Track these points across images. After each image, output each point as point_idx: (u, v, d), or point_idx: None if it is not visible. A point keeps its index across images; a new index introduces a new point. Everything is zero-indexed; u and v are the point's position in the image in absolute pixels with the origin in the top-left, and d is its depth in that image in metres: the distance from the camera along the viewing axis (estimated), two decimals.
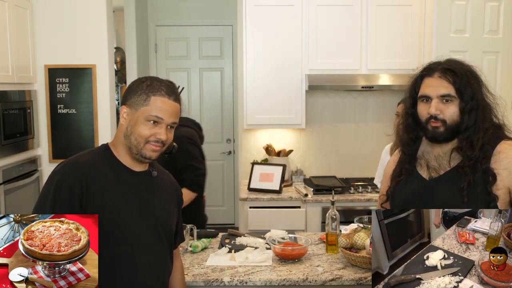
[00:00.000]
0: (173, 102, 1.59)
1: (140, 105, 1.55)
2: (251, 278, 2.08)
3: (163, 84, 1.60)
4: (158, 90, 1.56)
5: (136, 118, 1.55)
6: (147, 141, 1.55)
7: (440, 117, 1.62)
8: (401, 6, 3.64)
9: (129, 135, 1.56)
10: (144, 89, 1.56)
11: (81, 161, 1.55)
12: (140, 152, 1.56)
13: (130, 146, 1.56)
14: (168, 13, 5.38)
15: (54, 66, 3.80)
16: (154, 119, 1.54)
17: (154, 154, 1.57)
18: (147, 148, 1.56)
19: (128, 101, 1.57)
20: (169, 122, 1.57)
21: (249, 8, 3.62)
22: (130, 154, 1.58)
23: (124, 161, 1.60)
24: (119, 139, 1.60)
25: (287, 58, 3.66)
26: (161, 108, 1.55)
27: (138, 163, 1.61)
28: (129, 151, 1.58)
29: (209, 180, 5.58)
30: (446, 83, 1.63)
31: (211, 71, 5.50)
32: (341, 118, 4.08)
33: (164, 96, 1.56)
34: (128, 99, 1.58)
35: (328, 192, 3.50)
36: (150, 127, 1.54)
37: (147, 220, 1.59)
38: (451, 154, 1.67)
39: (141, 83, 1.58)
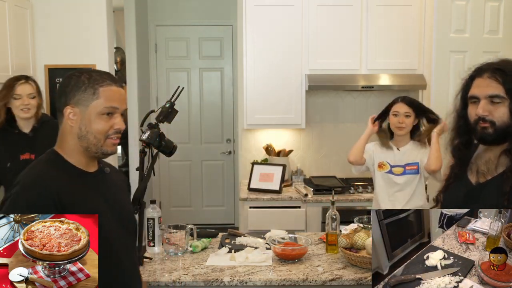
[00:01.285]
0: (121, 89, 1.53)
1: (89, 101, 1.46)
2: (251, 278, 2.08)
3: (104, 73, 1.53)
4: (103, 80, 1.49)
5: (88, 116, 1.47)
6: (107, 135, 1.49)
7: (489, 118, 1.55)
8: (401, 6, 3.64)
9: (85, 135, 1.48)
10: (86, 83, 1.47)
11: (43, 178, 1.44)
12: (101, 149, 1.50)
13: (88, 146, 1.49)
14: (168, 13, 5.38)
15: (54, 66, 3.79)
16: (110, 110, 1.48)
17: (115, 148, 1.53)
18: (108, 144, 1.50)
19: (71, 101, 1.47)
20: (123, 110, 1.52)
21: (249, 8, 3.62)
22: (87, 154, 1.51)
23: (77, 164, 1.51)
24: (68, 143, 1.50)
25: (287, 58, 3.66)
26: (113, 97, 1.49)
27: (92, 162, 1.55)
28: (85, 152, 1.50)
29: (209, 180, 5.62)
30: (496, 84, 1.56)
31: (211, 71, 5.50)
32: (341, 118, 4.08)
33: (111, 85, 1.50)
34: (70, 98, 1.47)
35: (328, 192, 3.50)
36: (106, 120, 1.48)
37: (117, 218, 1.57)
38: (499, 159, 1.60)
39: (78, 79, 1.48)
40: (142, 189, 2.27)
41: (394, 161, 2.82)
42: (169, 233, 2.36)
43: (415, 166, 2.79)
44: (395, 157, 2.83)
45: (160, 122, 2.40)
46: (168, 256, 2.35)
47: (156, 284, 2.09)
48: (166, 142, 2.38)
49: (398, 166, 2.82)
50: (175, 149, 2.43)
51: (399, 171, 2.81)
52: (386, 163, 2.84)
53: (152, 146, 2.34)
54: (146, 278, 2.10)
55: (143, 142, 2.33)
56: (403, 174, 2.80)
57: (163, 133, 2.39)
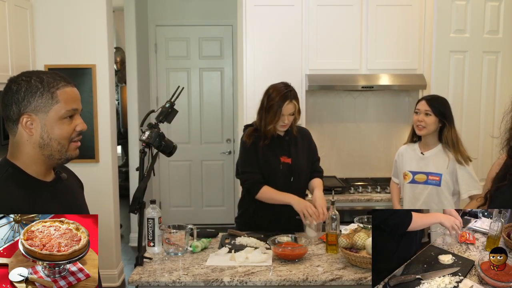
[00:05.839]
0: (75, 88, 1.46)
1: (48, 106, 1.37)
2: (251, 278, 2.08)
3: (56, 75, 1.43)
4: (58, 82, 1.40)
5: (50, 122, 1.38)
6: (71, 139, 1.43)
7: None
8: (401, 6, 3.64)
9: (48, 143, 1.39)
10: (41, 88, 1.37)
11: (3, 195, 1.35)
12: (65, 155, 1.43)
13: (52, 153, 1.41)
14: (168, 13, 5.38)
15: (54, 66, 3.79)
16: (71, 113, 1.41)
17: (77, 151, 1.47)
18: (71, 148, 1.44)
19: (27, 108, 1.36)
20: (81, 109, 1.46)
21: (249, 8, 3.62)
22: (48, 162, 1.43)
23: (35, 175, 1.42)
24: (26, 153, 1.40)
25: (287, 58, 3.66)
26: (72, 99, 1.42)
27: (49, 170, 1.47)
28: (47, 160, 1.42)
29: (209, 180, 5.62)
30: None
31: (211, 71, 5.50)
32: (341, 118, 4.08)
33: (67, 86, 1.41)
34: (26, 105, 1.36)
35: (328, 192, 3.48)
36: (68, 123, 1.41)
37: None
38: None
39: (29, 84, 1.37)
40: (142, 189, 2.27)
41: (417, 167, 2.74)
42: (169, 233, 2.36)
43: (437, 178, 2.67)
44: (418, 162, 2.74)
45: (160, 122, 2.40)
46: (168, 256, 2.35)
47: (156, 284, 2.09)
48: (166, 142, 2.38)
49: (421, 172, 2.72)
50: (175, 149, 2.43)
51: (422, 179, 2.71)
52: (408, 173, 2.77)
53: (152, 146, 2.34)
54: (146, 278, 2.10)
55: (143, 142, 2.33)
56: (425, 183, 2.69)
57: (163, 133, 2.39)
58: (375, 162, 4.08)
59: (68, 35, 3.80)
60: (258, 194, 2.67)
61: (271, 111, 2.60)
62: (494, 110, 3.49)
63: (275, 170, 2.68)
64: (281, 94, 2.60)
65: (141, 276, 2.11)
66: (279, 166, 2.68)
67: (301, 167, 2.73)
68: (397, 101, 4.05)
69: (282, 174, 2.69)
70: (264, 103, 2.65)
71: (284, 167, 2.69)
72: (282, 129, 2.68)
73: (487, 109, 3.50)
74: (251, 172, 2.69)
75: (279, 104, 2.59)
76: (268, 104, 2.62)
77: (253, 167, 2.69)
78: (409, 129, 2.92)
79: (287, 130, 2.71)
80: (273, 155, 2.69)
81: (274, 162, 2.68)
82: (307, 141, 2.83)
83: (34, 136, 1.39)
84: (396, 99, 4.05)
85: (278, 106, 2.59)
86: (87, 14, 3.80)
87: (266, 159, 2.68)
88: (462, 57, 3.47)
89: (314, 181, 2.81)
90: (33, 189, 1.41)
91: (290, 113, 2.62)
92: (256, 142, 2.70)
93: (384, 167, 4.01)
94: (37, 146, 1.40)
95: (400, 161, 2.85)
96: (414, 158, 2.77)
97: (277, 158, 2.69)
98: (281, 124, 2.63)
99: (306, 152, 2.78)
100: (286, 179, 2.70)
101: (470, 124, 3.48)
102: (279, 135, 2.72)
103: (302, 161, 2.75)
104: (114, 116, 4.08)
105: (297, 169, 2.71)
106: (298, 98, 2.68)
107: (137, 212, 2.28)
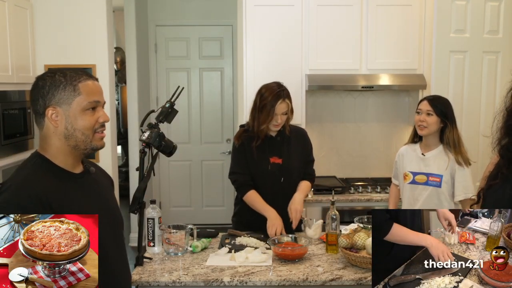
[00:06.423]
0: (97, 82, 1.55)
1: (71, 98, 1.47)
2: (251, 278, 2.08)
3: (78, 70, 1.53)
4: (80, 76, 1.49)
5: (73, 113, 1.47)
6: (94, 130, 1.51)
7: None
8: (401, 6, 3.64)
9: (72, 133, 1.48)
10: (64, 82, 1.47)
11: (31, 182, 1.43)
12: (90, 145, 1.51)
13: (77, 143, 1.49)
14: (168, 13, 5.38)
15: (54, 66, 3.78)
16: (93, 105, 1.49)
17: (103, 141, 1.55)
18: (96, 138, 1.52)
19: (52, 101, 1.46)
20: (103, 102, 1.55)
21: (249, 8, 3.62)
22: (75, 153, 1.52)
23: (63, 166, 1.51)
24: (54, 144, 1.49)
25: (287, 58, 3.65)
26: (93, 91, 1.50)
27: (78, 163, 1.56)
28: (73, 150, 1.50)
29: (209, 180, 5.62)
30: None
31: (211, 71, 5.50)
32: (341, 118, 4.08)
33: (89, 79, 1.51)
34: (50, 98, 1.46)
35: (328, 192, 3.50)
36: (90, 114, 1.49)
37: (107, 218, 1.56)
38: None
39: (53, 79, 1.47)
40: (142, 189, 2.27)
41: (418, 168, 2.73)
42: (169, 233, 2.36)
43: (437, 179, 2.66)
44: (418, 163, 2.73)
45: (160, 122, 2.40)
46: (168, 256, 2.35)
47: (156, 284, 2.09)
48: (166, 142, 2.38)
49: (421, 173, 2.71)
50: (175, 149, 2.43)
51: (422, 180, 2.70)
52: (408, 173, 2.76)
53: (152, 146, 2.34)
54: (146, 278, 2.10)
55: (143, 142, 2.33)
56: (426, 184, 2.69)
57: (163, 133, 2.39)
58: (375, 162, 4.08)
59: (68, 35, 3.80)
60: (244, 197, 2.70)
61: (264, 111, 2.60)
62: (494, 110, 3.48)
63: (263, 171, 2.68)
64: (274, 94, 2.60)
65: (141, 276, 2.11)
66: (267, 167, 2.68)
67: (292, 167, 2.72)
68: (397, 101, 4.05)
69: (271, 175, 2.69)
70: (257, 103, 2.65)
71: (274, 168, 2.68)
72: (275, 129, 2.67)
73: (487, 109, 3.50)
74: (240, 173, 2.71)
75: (272, 104, 2.59)
76: (261, 104, 2.62)
77: (242, 168, 2.71)
78: (409, 129, 2.91)
79: (279, 130, 2.70)
80: (262, 155, 2.69)
81: (263, 163, 2.68)
82: (302, 141, 2.81)
83: (59, 127, 1.48)
84: (396, 99, 4.05)
85: (271, 105, 2.59)
86: (87, 14, 3.80)
87: (255, 160, 2.68)
88: (462, 57, 3.47)
89: (301, 184, 2.77)
90: (61, 178, 1.49)
91: (283, 112, 2.62)
92: (245, 143, 2.70)
93: (384, 167, 4.01)
94: (63, 137, 1.49)
95: (400, 162, 2.84)
96: (415, 158, 2.76)
97: (267, 158, 2.69)
98: (274, 123, 2.63)
99: (299, 152, 2.77)
100: (276, 180, 2.69)
101: (470, 124, 3.47)
102: (271, 136, 2.72)
103: (294, 162, 2.73)
104: (114, 116, 4.08)
105: (288, 169, 2.71)
106: (291, 97, 2.67)
107: (137, 212, 2.28)
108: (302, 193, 2.72)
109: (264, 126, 2.62)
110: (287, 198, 2.70)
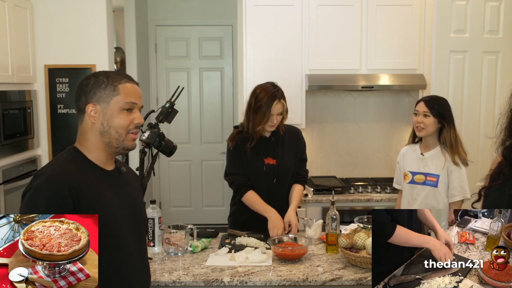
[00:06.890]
0: (137, 86, 1.62)
1: (110, 97, 1.55)
2: (251, 278, 2.08)
3: (120, 73, 1.63)
4: (121, 78, 1.58)
5: (111, 111, 1.55)
6: (128, 130, 1.57)
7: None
8: (401, 6, 3.64)
9: (107, 130, 1.56)
10: (106, 82, 1.56)
11: (63, 171, 1.51)
12: (122, 144, 1.58)
13: (110, 141, 1.57)
14: (168, 13, 5.38)
15: (54, 66, 3.80)
16: (129, 106, 1.57)
17: (134, 143, 1.61)
18: (128, 139, 1.59)
19: (92, 99, 1.55)
20: (140, 105, 1.61)
21: (249, 8, 3.62)
22: (108, 150, 1.59)
23: (97, 162, 1.59)
24: (89, 139, 1.58)
25: (287, 58, 3.65)
26: (132, 93, 1.58)
27: (111, 160, 1.63)
28: (106, 147, 1.58)
29: (209, 180, 5.62)
30: None
31: (211, 71, 5.50)
32: (341, 118, 4.08)
33: (129, 82, 1.59)
34: (92, 96, 1.55)
35: (328, 192, 3.50)
36: (126, 115, 1.57)
37: (129, 216, 1.62)
38: None
39: (97, 79, 1.57)
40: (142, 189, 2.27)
41: (417, 168, 2.73)
42: (169, 233, 2.36)
43: (434, 179, 2.67)
44: (418, 163, 2.73)
45: (160, 122, 2.40)
46: (168, 256, 2.35)
47: (156, 284, 2.09)
48: (166, 142, 2.38)
49: (420, 173, 2.71)
50: (175, 149, 2.43)
51: (421, 179, 2.70)
52: (408, 173, 2.76)
53: (152, 146, 2.34)
54: None
55: (143, 142, 2.33)
56: (423, 183, 2.69)
57: (163, 133, 2.39)
58: (375, 162, 4.08)
59: (68, 35, 3.80)
60: (243, 198, 2.70)
61: (260, 112, 2.60)
62: (494, 111, 3.49)
63: (258, 172, 2.68)
64: (269, 94, 2.60)
65: None
66: (262, 168, 2.68)
67: (286, 168, 2.72)
68: (397, 101, 4.05)
69: (266, 176, 2.68)
70: (252, 104, 2.64)
71: (268, 169, 2.68)
72: (270, 129, 2.67)
73: (487, 109, 3.50)
74: (237, 174, 2.71)
75: (268, 104, 2.58)
76: (256, 105, 2.61)
77: (238, 169, 2.70)
78: (409, 129, 2.91)
79: (273, 131, 2.70)
80: (257, 156, 2.69)
81: (258, 164, 2.68)
82: (295, 140, 2.79)
83: (96, 124, 1.56)
84: (396, 99, 4.05)
85: (267, 106, 2.58)
86: (87, 14, 3.80)
87: (250, 161, 2.68)
88: (462, 57, 3.47)
89: (293, 189, 2.76)
90: (92, 172, 1.56)
91: (279, 113, 2.62)
92: (240, 144, 2.69)
93: (384, 167, 4.01)
94: (98, 133, 1.56)
95: (401, 162, 2.84)
96: (415, 158, 2.76)
97: (261, 159, 2.69)
98: (270, 124, 2.62)
99: (293, 152, 2.76)
100: (270, 181, 2.69)
101: (470, 124, 3.47)
102: (265, 136, 2.71)
103: (288, 162, 2.73)
104: None
105: (281, 170, 2.70)
106: (285, 97, 2.67)
107: None
108: (294, 206, 2.70)
109: (259, 127, 2.62)
110: (281, 198, 2.71)
